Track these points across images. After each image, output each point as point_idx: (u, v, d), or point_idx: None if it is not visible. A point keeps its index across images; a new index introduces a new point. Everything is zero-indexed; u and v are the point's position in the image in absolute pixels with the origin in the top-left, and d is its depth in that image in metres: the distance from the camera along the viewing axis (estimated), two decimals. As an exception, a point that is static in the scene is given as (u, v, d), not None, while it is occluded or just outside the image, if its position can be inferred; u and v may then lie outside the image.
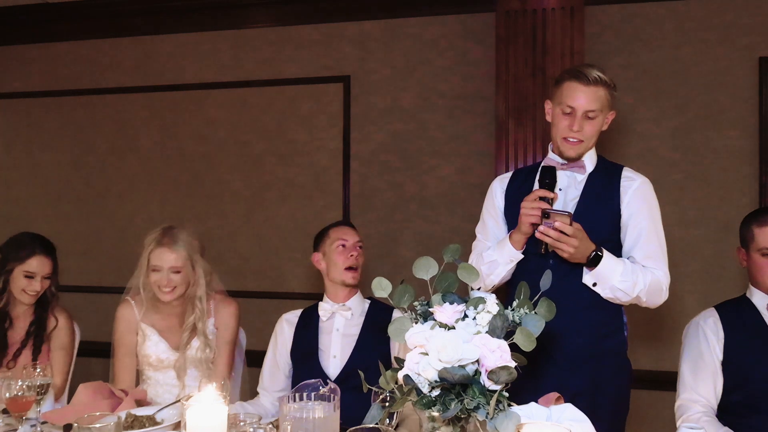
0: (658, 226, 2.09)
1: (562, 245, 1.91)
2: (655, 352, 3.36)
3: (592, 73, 2.02)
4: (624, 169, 2.14)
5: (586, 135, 2.05)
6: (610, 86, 2.05)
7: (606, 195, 2.08)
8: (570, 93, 2.03)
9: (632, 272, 1.99)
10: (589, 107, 2.02)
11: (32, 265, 2.52)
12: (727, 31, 3.31)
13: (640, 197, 2.08)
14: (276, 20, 3.87)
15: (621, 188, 2.08)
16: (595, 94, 2.01)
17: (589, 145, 2.09)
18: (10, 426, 1.92)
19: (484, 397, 1.25)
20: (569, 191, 2.10)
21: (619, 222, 2.08)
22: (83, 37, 4.16)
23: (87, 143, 4.18)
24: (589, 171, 2.12)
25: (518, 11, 3.30)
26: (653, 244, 2.06)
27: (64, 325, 2.61)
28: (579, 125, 2.03)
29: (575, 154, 2.08)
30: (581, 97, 2.01)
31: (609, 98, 2.06)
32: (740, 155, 3.29)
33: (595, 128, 2.06)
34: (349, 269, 2.39)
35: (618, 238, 2.09)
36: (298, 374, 2.39)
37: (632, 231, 2.06)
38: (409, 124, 3.70)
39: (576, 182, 2.11)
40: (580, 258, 1.96)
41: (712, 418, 2.09)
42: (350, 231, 2.47)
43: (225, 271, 3.82)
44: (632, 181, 2.09)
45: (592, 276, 2.00)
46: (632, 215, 2.06)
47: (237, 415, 1.62)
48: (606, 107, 2.06)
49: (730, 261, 3.20)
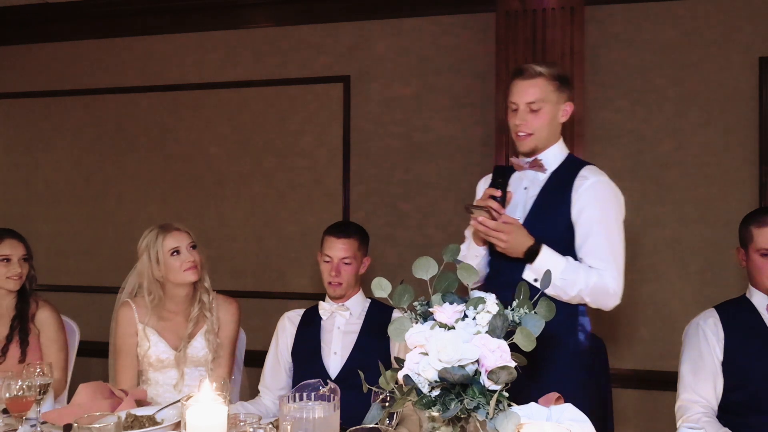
0: (609, 227, 2.03)
1: (491, 239, 1.97)
2: (655, 352, 3.36)
3: (532, 67, 2.06)
4: (584, 167, 2.11)
5: (533, 127, 2.06)
6: (554, 78, 2.06)
7: (560, 194, 2.07)
8: (512, 90, 2.09)
9: (574, 271, 1.97)
10: (529, 99, 2.04)
11: (5, 249, 2.54)
12: (727, 31, 3.31)
13: (590, 196, 2.04)
14: (276, 20, 3.87)
15: (573, 187, 2.06)
16: (534, 87, 2.04)
17: (541, 138, 2.08)
18: (10, 426, 1.91)
19: (484, 397, 1.25)
20: (530, 190, 2.12)
21: (571, 221, 2.06)
22: (83, 37, 4.16)
23: (87, 143, 4.19)
24: (552, 170, 2.11)
25: (518, 11, 3.30)
26: (601, 244, 2.01)
27: (49, 316, 2.61)
28: (521, 118, 2.06)
29: (528, 149, 2.10)
30: (521, 91, 2.06)
31: (554, 89, 2.06)
32: (740, 155, 3.29)
33: (542, 121, 2.06)
34: (330, 283, 2.40)
35: (573, 237, 2.07)
36: (299, 371, 2.40)
37: (580, 230, 2.04)
38: (409, 123, 3.70)
39: (538, 181, 2.12)
40: (515, 252, 1.97)
41: (712, 418, 2.08)
42: (339, 244, 2.40)
43: (225, 271, 3.85)
44: (585, 180, 2.06)
45: (532, 271, 1.99)
46: (581, 214, 2.04)
47: (237, 415, 1.62)
48: (552, 99, 2.06)
49: (730, 261, 3.20)
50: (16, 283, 2.55)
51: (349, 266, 2.40)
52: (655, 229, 3.38)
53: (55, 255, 4.13)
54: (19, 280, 2.56)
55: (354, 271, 2.41)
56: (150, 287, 2.41)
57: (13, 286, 2.55)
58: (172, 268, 2.38)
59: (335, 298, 2.43)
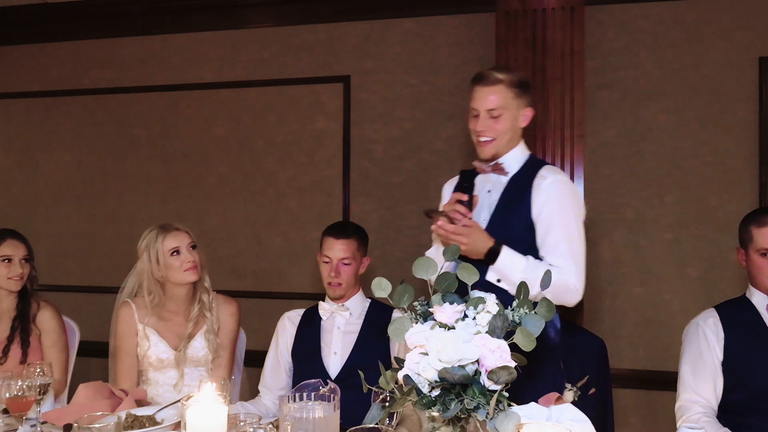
0: (568, 224, 2.05)
1: (451, 242, 1.99)
2: (655, 352, 3.35)
3: (491, 74, 2.09)
4: (542, 168, 2.13)
5: (495, 133, 2.09)
6: (514, 85, 2.08)
7: (520, 195, 2.09)
8: (473, 96, 2.12)
9: (534, 269, 1.98)
10: (489, 106, 2.07)
11: (6, 249, 2.54)
12: (727, 31, 3.31)
13: (548, 195, 2.06)
14: (276, 20, 3.87)
15: (533, 187, 2.08)
16: (494, 94, 2.07)
17: (501, 143, 2.11)
18: (10, 426, 1.92)
19: (484, 397, 1.25)
20: (494, 193, 2.15)
21: (532, 221, 2.08)
22: (83, 37, 4.16)
23: (87, 143, 4.18)
24: (513, 172, 2.13)
25: (518, 11, 3.30)
26: (560, 241, 2.03)
27: (51, 317, 2.60)
28: (482, 125, 2.09)
29: (489, 155, 2.12)
30: (481, 98, 2.09)
31: (514, 96, 2.09)
32: (740, 155, 3.29)
33: (503, 126, 2.09)
34: (330, 284, 2.41)
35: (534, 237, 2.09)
36: (300, 371, 2.40)
37: (540, 228, 2.07)
38: (409, 124, 3.70)
39: (500, 184, 2.14)
40: (476, 254, 1.99)
41: (712, 418, 2.09)
42: (338, 245, 2.41)
43: (225, 271, 3.84)
44: (543, 179, 2.08)
45: (494, 272, 2.01)
46: (540, 213, 2.06)
47: (237, 415, 1.62)
48: (512, 105, 2.09)
49: (730, 261, 3.20)
50: (18, 284, 2.55)
51: (348, 266, 2.40)
52: (655, 230, 3.38)
53: (55, 255, 4.13)
54: (21, 281, 2.56)
55: (353, 271, 2.41)
56: (150, 287, 2.42)
57: (15, 286, 2.55)
58: (172, 268, 2.38)
59: (335, 298, 2.43)
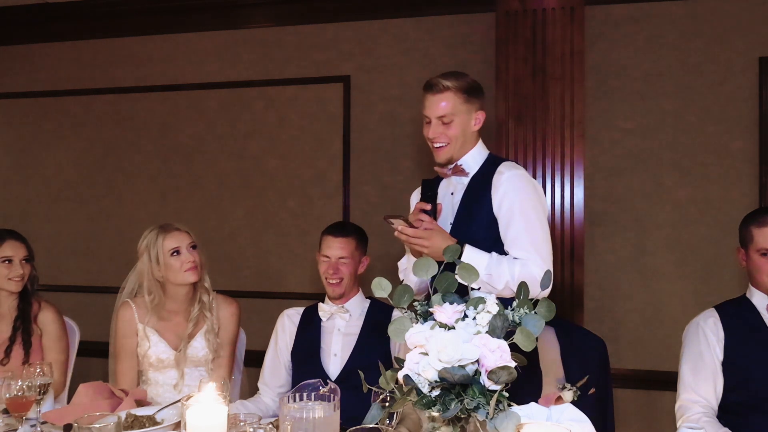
0: (528, 216, 2.05)
1: (412, 246, 2.04)
2: (655, 352, 3.36)
3: (439, 82, 2.11)
4: (501, 164, 2.15)
5: (447, 139, 2.12)
6: (462, 91, 2.10)
7: (481, 193, 2.11)
8: (424, 104, 2.16)
9: (497, 264, 1.99)
10: (440, 113, 2.11)
11: (7, 250, 2.54)
12: (727, 31, 3.31)
13: (506, 189, 2.07)
14: (276, 20, 3.87)
15: (492, 183, 2.10)
16: (443, 101, 2.10)
17: (455, 147, 2.14)
18: (10, 426, 1.92)
19: (484, 397, 1.25)
20: (456, 195, 2.17)
21: (494, 216, 2.10)
22: (83, 37, 4.16)
23: (87, 143, 4.19)
24: (473, 173, 2.16)
25: (518, 11, 3.30)
26: (521, 233, 2.04)
27: (52, 318, 2.60)
28: (434, 131, 2.13)
29: (444, 159, 2.16)
30: (431, 105, 2.13)
31: (463, 101, 2.11)
32: (740, 155, 3.29)
33: (456, 131, 2.12)
34: (329, 282, 2.41)
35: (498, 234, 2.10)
36: (299, 373, 2.40)
37: (501, 222, 2.08)
38: (409, 123, 3.70)
39: (462, 185, 2.17)
40: (439, 256, 1.97)
41: (712, 418, 2.08)
42: (336, 244, 2.42)
43: (225, 271, 3.84)
44: (501, 175, 2.10)
45: None
46: (500, 207, 2.08)
47: (237, 415, 1.62)
48: (461, 110, 2.11)
49: (730, 261, 3.20)
50: (18, 285, 2.55)
51: (346, 264, 2.40)
52: (655, 229, 3.38)
53: (55, 255, 4.13)
54: (21, 282, 2.56)
55: (352, 269, 2.42)
56: (150, 287, 2.42)
57: (15, 287, 2.55)
58: (172, 268, 2.38)
59: (334, 298, 2.43)
